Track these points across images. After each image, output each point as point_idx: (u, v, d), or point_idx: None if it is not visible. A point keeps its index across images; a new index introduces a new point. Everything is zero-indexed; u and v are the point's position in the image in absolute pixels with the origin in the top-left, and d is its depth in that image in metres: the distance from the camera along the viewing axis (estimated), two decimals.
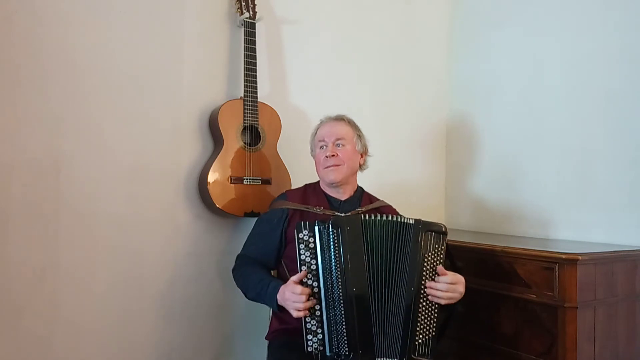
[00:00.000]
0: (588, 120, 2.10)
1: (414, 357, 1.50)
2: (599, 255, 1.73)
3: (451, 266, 1.66)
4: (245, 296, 1.71)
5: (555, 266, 1.66)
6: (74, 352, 1.79)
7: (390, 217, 1.57)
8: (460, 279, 1.56)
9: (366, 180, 1.93)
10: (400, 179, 2.60)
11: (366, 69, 2.51)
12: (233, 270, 1.78)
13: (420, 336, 1.51)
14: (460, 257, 2.00)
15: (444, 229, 1.58)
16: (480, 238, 2.17)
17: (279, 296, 1.55)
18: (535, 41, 2.33)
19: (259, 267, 1.71)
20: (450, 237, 2.17)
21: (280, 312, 1.61)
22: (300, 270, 1.51)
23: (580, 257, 1.62)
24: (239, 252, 1.81)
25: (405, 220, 1.57)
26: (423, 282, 1.53)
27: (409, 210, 1.94)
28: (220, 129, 1.94)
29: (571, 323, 1.63)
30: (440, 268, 1.54)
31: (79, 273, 1.79)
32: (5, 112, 1.68)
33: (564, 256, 1.65)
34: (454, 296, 1.53)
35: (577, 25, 2.16)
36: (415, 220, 1.57)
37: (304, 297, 1.46)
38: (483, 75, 2.59)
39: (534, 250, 1.77)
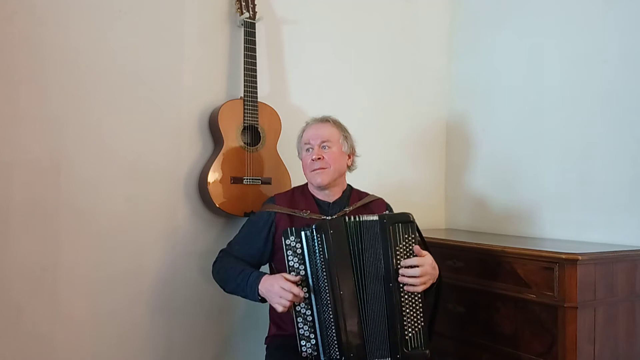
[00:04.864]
0: (588, 120, 2.10)
1: (407, 351, 1.49)
2: (599, 255, 1.73)
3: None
4: (224, 289, 1.70)
5: (555, 266, 1.67)
6: (74, 351, 1.79)
7: (363, 218, 1.54)
8: (425, 260, 1.51)
9: (366, 180, 1.93)
10: (400, 178, 2.60)
11: (366, 68, 2.51)
12: (213, 264, 1.76)
13: (409, 329, 1.50)
14: (460, 257, 2.01)
15: (410, 218, 1.54)
16: (480, 238, 2.17)
17: (262, 287, 1.53)
18: (535, 41, 2.33)
19: (241, 262, 1.69)
20: (450, 236, 2.21)
21: (271, 313, 1.59)
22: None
23: (580, 257, 1.63)
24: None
25: (368, 218, 1.54)
26: (400, 275, 1.50)
27: (409, 210, 1.92)
28: (220, 129, 1.94)
29: (571, 323, 1.63)
30: (417, 248, 1.51)
31: (79, 272, 1.80)
32: (5, 112, 1.68)
33: (564, 256, 1.65)
34: (426, 279, 1.50)
35: (577, 25, 2.16)
36: (379, 215, 1.55)
37: (290, 295, 1.45)
38: (483, 75, 2.59)
39: (534, 250, 1.77)
